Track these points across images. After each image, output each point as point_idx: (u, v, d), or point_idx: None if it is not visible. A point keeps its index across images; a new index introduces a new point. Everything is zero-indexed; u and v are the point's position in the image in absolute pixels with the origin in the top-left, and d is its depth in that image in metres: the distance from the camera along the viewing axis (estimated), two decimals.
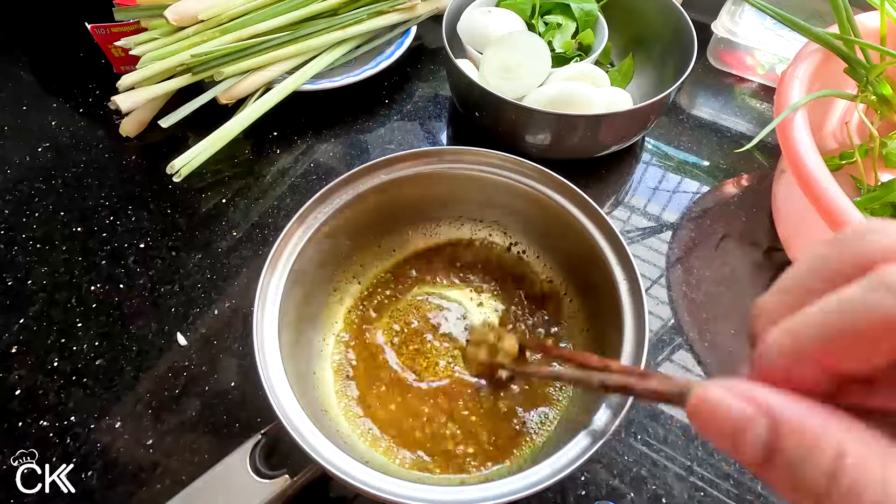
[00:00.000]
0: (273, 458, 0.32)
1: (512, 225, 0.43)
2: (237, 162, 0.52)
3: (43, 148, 0.53)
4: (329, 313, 0.40)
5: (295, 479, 0.30)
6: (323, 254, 0.38)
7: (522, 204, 0.40)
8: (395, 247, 0.43)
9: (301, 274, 0.36)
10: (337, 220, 0.38)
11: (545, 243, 0.42)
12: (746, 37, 0.58)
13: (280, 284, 0.34)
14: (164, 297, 0.44)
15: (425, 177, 0.40)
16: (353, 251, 0.41)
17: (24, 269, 0.45)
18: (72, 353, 0.41)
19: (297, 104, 0.55)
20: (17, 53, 0.60)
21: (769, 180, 0.51)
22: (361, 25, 0.55)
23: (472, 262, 0.43)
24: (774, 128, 0.40)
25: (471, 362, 0.34)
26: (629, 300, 0.34)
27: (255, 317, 0.32)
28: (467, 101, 0.51)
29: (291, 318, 0.35)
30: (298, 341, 0.36)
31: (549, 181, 0.38)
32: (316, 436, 0.29)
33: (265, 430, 0.32)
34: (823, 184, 0.36)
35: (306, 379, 0.36)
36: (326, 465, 0.28)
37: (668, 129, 0.56)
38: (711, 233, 0.49)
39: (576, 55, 0.54)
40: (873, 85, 0.43)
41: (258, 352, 0.31)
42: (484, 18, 0.53)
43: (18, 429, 0.38)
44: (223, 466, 0.31)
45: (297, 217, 0.36)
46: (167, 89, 0.50)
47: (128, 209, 0.49)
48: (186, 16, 0.50)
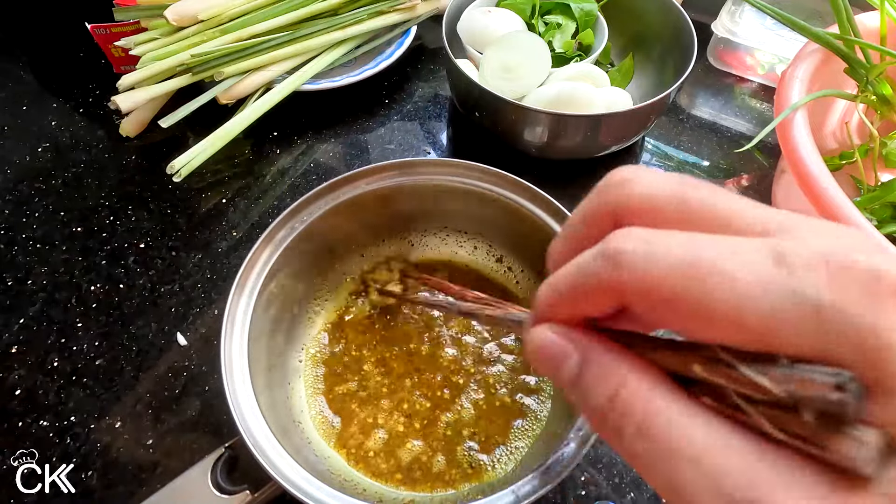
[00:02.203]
0: (235, 472, 0.31)
1: (494, 238, 0.43)
2: (237, 162, 0.52)
3: (43, 148, 0.53)
4: (303, 327, 0.40)
5: (256, 496, 0.29)
6: (295, 268, 0.38)
7: (501, 216, 0.40)
8: (369, 260, 0.43)
9: (272, 289, 0.35)
10: (309, 235, 0.37)
11: (525, 255, 0.42)
12: (746, 37, 0.58)
13: (250, 302, 0.34)
14: (164, 297, 0.44)
15: (398, 191, 0.39)
16: (328, 264, 0.41)
17: (24, 269, 0.45)
18: (72, 353, 0.41)
19: (297, 104, 0.55)
20: (17, 53, 0.60)
21: (769, 180, 0.51)
22: (361, 25, 0.55)
23: (450, 274, 0.43)
24: (774, 128, 0.40)
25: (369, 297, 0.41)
26: None
27: (224, 331, 0.32)
28: (467, 101, 0.51)
29: (262, 333, 0.35)
30: (270, 356, 0.36)
31: (525, 192, 0.38)
32: (278, 452, 0.29)
33: (229, 444, 0.31)
34: (823, 184, 0.36)
35: (278, 393, 0.35)
36: (284, 482, 0.28)
37: (668, 129, 0.56)
38: None
39: (576, 55, 0.54)
40: (873, 85, 0.43)
41: (224, 367, 0.31)
42: (484, 18, 0.53)
43: (18, 429, 0.38)
44: (184, 479, 0.30)
45: (267, 233, 0.35)
46: (167, 89, 0.50)
47: (128, 209, 0.49)
48: (186, 16, 0.50)
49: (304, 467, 0.29)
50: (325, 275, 0.41)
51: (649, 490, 0.36)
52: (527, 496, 0.27)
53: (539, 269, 0.41)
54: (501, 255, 0.43)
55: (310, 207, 0.37)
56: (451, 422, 0.37)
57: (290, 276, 0.38)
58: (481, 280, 0.43)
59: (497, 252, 0.43)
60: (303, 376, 0.38)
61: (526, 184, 0.38)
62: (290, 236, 0.36)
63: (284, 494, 0.28)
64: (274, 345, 0.36)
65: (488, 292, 0.42)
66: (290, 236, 0.36)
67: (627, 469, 0.37)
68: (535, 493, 0.27)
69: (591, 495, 0.36)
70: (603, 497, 0.36)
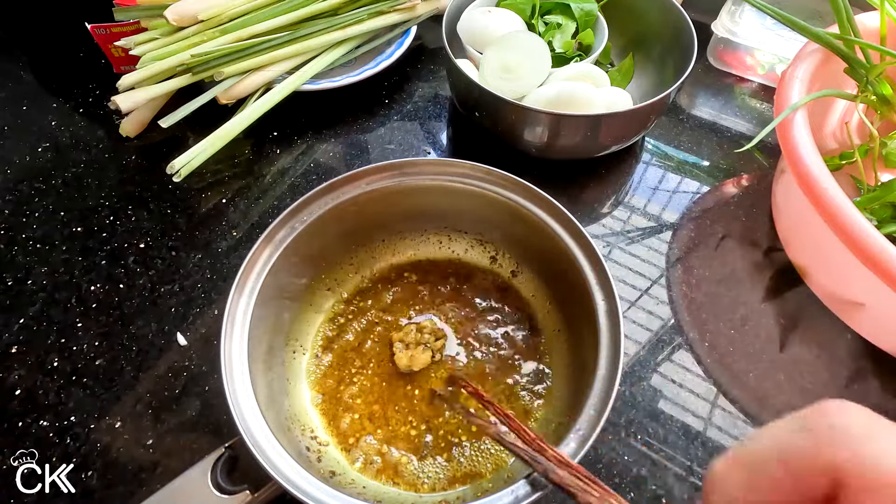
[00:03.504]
0: (235, 472, 0.31)
1: (494, 238, 0.43)
2: (237, 162, 0.52)
3: (43, 148, 0.53)
4: (304, 326, 0.40)
5: (256, 496, 0.29)
6: (295, 268, 0.38)
7: (501, 216, 0.40)
8: (368, 261, 0.43)
9: (272, 289, 0.35)
10: (308, 236, 0.37)
11: (525, 254, 0.42)
12: (746, 37, 0.58)
13: (250, 302, 0.34)
14: (164, 297, 0.44)
15: (397, 191, 0.39)
16: (328, 264, 0.41)
17: (24, 269, 0.45)
18: (72, 353, 0.41)
19: (297, 104, 0.55)
20: (17, 53, 0.60)
21: (769, 180, 0.51)
22: (361, 25, 0.55)
23: (450, 274, 0.43)
24: (774, 128, 0.40)
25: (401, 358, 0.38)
26: (606, 322, 0.33)
27: (224, 331, 0.32)
28: (467, 101, 0.51)
29: (263, 333, 0.35)
30: (270, 356, 0.36)
31: (527, 193, 0.38)
32: (278, 452, 0.29)
33: (229, 444, 0.31)
34: (823, 184, 0.36)
35: (279, 392, 0.35)
36: (284, 482, 0.28)
37: (668, 129, 0.56)
38: (711, 233, 0.49)
39: (576, 55, 0.54)
40: (873, 85, 0.43)
41: (224, 367, 0.31)
42: (484, 18, 0.53)
43: (18, 429, 0.38)
44: (184, 479, 0.30)
45: (267, 233, 0.35)
46: (167, 89, 0.50)
47: (128, 209, 0.49)
48: (186, 16, 0.50)
49: (304, 467, 0.29)
50: (326, 274, 0.41)
51: (649, 490, 0.36)
52: (527, 496, 0.27)
53: (539, 269, 0.41)
54: (501, 254, 0.43)
55: (310, 207, 0.37)
56: (451, 422, 0.37)
57: (290, 276, 0.38)
58: (480, 279, 0.43)
59: (497, 252, 0.43)
60: (303, 376, 0.38)
61: (526, 184, 0.38)
62: (290, 236, 0.36)
63: (284, 494, 0.28)
64: (274, 345, 0.36)
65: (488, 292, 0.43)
66: (290, 236, 0.36)
67: (627, 469, 0.37)
68: (534, 493, 0.27)
69: None
70: None
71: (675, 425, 0.39)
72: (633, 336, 0.43)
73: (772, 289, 0.45)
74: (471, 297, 0.42)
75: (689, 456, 0.38)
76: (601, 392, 0.30)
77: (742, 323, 0.43)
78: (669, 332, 0.43)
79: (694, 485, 0.37)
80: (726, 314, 0.44)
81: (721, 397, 0.40)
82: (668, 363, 0.42)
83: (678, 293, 0.45)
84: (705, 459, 0.38)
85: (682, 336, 0.43)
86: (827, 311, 0.44)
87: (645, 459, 0.38)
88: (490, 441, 0.36)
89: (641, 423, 0.39)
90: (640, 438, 0.38)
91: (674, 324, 0.44)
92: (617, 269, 0.46)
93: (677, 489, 0.36)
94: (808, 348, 0.42)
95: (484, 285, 0.43)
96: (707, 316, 0.44)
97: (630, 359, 0.42)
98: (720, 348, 0.42)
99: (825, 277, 0.43)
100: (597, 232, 0.49)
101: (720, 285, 0.46)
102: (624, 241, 0.48)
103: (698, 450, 0.38)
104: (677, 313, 0.44)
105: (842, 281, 0.41)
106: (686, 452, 0.38)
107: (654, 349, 0.42)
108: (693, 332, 0.43)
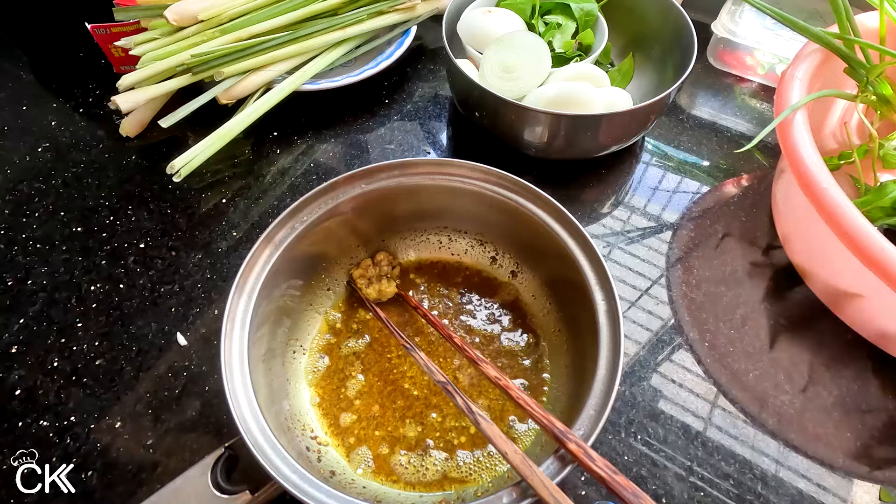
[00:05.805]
0: (235, 472, 0.31)
1: (494, 237, 0.43)
2: (237, 162, 0.52)
3: (43, 148, 0.53)
4: (303, 327, 0.40)
5: (255, 496, 0.29)
6: (295, 268, 0.38)
7: (501, 216, 0.40)
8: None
9: (272, 289, 0.35)
10: (308, 236, 0.37)
11: (525, 254, 0.42)
12: (746, 37, 0.58)
13: (250, 302, 0.34)
14: (164, 297, 0.44)
15: (397, 191, 0.39)
16: (328, 264, 0.41)
17: (24, 269, 0.45)
18: (72, 353, 0.41)
19: (297, 104, 0.55)
20: (17, 53, 0.60)
21: (769, 180, 0.51)
22: (361, 25, 0.55)
23: (450, 273, 0.43)
24: (774, 128, 0.40)
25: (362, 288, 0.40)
26: (606, 322, 0.33)
27: (224, 331, 0.32)
28: (467, 101, 0.51)
29: (262, 333, 0.35)
30: (270, 356, 0.36)
31: (527, 193, 0.38)
32: (278, 452, 0.29)
33: (229, 444, 0.31)
34: (823, 184, 0.36)
35: (279, 392, 0.35)
36: (284, 482, 0.28)
37: (668, 129, 0.56)
38: (711, 233, 0.49)
39: (576, 55, 0.54)
40: (873, 85, 0.43)
41: (224, 367, 0.31)
42: (484, 18, 0.53)
43: (18, 429, 0.38)
44: (183, 479, 0.30)
45: (267, 233, 0.35)
46: (167, 89, 0.50)
47: (128, 209, 0.49)
48: (186, 16, 0.50)
49: (303, 467, 0.29)
50: (326, 274, 0.41)
51: (649, 490, 0.36)
52: (526, 496, 0.27)
53: (539, 269, 0.41)
54: (501, 254, 0.43)
55: (310, 207, 0.37)
56: (451, 422, 0.37)
57: (290, 276, 0.38)
58: (481, 279, 0.43)
59: (497, 252, 0.43)
60: (303, 376, 0.38)
61: (526, 184, 0.38)
62: (289, 236, 0.36)
63: (284, 494, 0.28)
64: (274, 345, 0.36)
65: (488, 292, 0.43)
66: (289, 236, 0.36)
67: (627, 469, 0.37)
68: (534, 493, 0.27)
69: (590, 495, 0.36)
70: (603, 497, 0.36)
71: (675, 425, 0.39)
72: (633, 336, 0.43)
73: (772, 289, 0.45)
74: (470, 297, 0.42)
75: (689, 456, 0.38)
76: (601, 392, 0.30)
77: (742, 323, 0.44)
78: (669, 332, 0.43)
79: (694, 485, 0.37)
80: (726, 314, 0.44)
81: (721, 397, 0.40)
82: (668, 363, 0.42)
83: (678, 293, 0.45)
84: (705, 459, 0.38)
85: (681, 336, 0.43)
86: (827, 311, 0.44)
87: (645, 459, 0.38)
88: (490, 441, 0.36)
89: (641, 423, 0.39)
90: (640, 438, 0.38)
91: (674, 324, 0.44)
92: (617, 269, 0.46)
93: (677, 489, 0.36)
94: (808, 348, 0.42)
95: (484, 285, 0.43)
96: (707, 316, 0.44)
97: (630, 359, 0.42)
98: (720, 348, 0.42)
99: (825, 277, 0.43)
100: (597, 232, 0.49)
101: (720, 285, 0.46)
102: (624, 241, 0.48)
103: (698, 450, 0.38)
104: (677, 313, 0.44)
105: (841, 281, 0.41)
106: (686, 452, 0.38)
107: (654, 349, 0.42)
108: (693, 332, 0.43)
